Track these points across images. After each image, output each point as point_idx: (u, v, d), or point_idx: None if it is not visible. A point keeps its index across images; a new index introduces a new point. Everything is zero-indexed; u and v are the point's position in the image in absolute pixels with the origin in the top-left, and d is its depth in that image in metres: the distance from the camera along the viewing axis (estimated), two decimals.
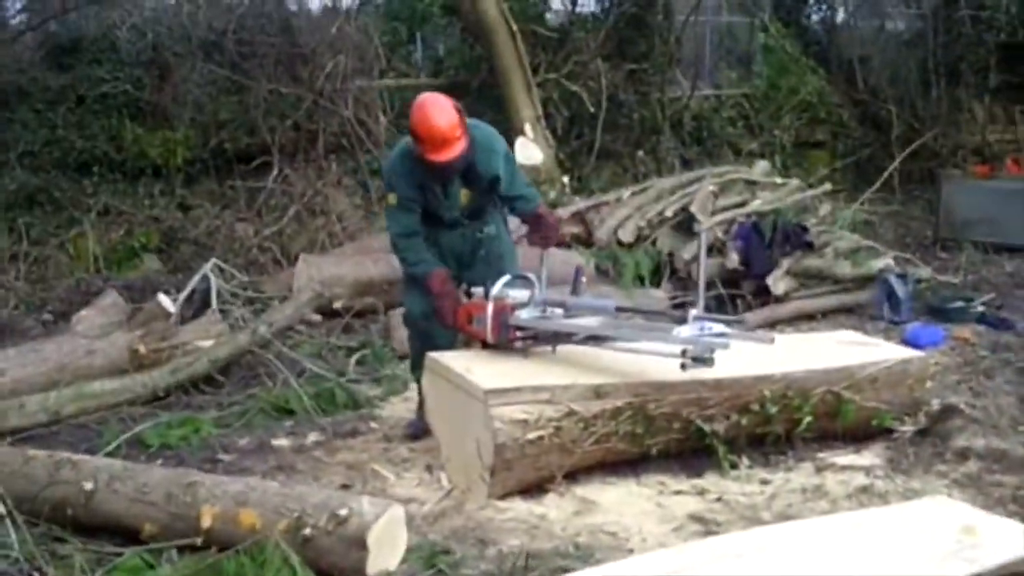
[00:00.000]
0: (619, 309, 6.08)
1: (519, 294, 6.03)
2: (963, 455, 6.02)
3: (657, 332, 5.62)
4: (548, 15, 14.48)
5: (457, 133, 5.82)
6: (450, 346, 6.29)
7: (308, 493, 4.83)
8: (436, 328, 6.22)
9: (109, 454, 5.88)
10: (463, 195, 6.19)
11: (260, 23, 11.96)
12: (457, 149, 5.82)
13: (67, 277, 10.36)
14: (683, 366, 5.35)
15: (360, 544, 4.43)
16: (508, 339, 5.99)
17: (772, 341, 5.45)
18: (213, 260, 9.19)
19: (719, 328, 5.44)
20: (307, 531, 4.48)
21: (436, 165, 5.83)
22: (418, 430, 6.43)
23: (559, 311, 6.02)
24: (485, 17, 12.44)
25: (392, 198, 6.12)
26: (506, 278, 6.00)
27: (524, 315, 5.96)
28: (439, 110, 5.84)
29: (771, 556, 4.23)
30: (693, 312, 5.47)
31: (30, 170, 11.22)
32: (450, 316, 6.07)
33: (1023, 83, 15.94)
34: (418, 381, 6.37)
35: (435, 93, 6.16)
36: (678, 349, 5.37)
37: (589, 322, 5.94)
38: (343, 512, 4.49)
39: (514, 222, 6.96)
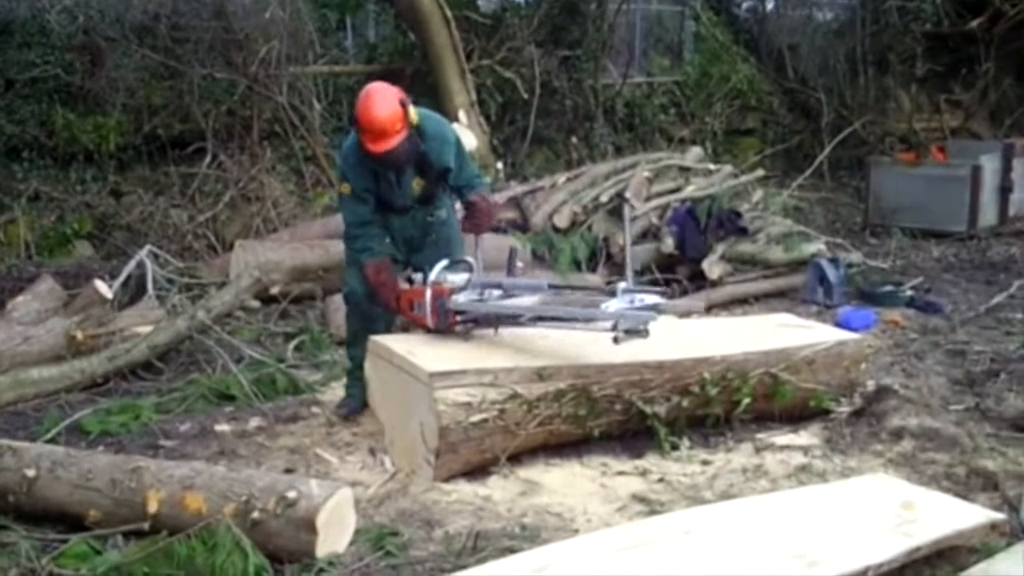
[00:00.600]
0: (552, 287, 6.14)
1: (457, 278, 6.09)
2: (897, 434, 6.12)
3: (590, 308, 5.68)
4: (481, 2, 14.47)
5: (397, 126, 5.85)
6: (389, 327, 6.42)
7: (255, 476, 4.83)
8: (377, 309, 6.31)
9: (49, 441, 5.83)
10: (416, 184, 6.24)
11: (194, 7, 11.81)
12: (394, 141, 5.85)
13: None
14: (615, 339, 5.41)
15: (309, 526, 4.45)
16: (448, 323, 6.07)
17: (701, 310, 5.53)
18: (148, 246, 9.12)
19: (650, 299, 5.54)
20: (255, 514, 4.49)
21: (374, 155, 5.88)
22: (352, 410, 6.47)
23: (496, 293, 6.07)
24: (419, 4, 12.40)
25: (346, 188, 6.19)
26: (443, 263, 6.08)
27: (462, 299, 6.02)
28: (380, 101, 5.88)
29: (717, 533, 4.32)
30: (622, 285, 5.56)
31: None
32: (391, 303, 6.17)
33: (948, 72, 16.23)
34: (352, 359, 6.52)
35: (383, 84, 6.16)
36: (611, 323, 5.44)
37: (524, 302, 6.00)
38: (292, 495, 4.50)
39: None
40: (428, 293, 6.00)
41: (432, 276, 6.04)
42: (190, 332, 7.46)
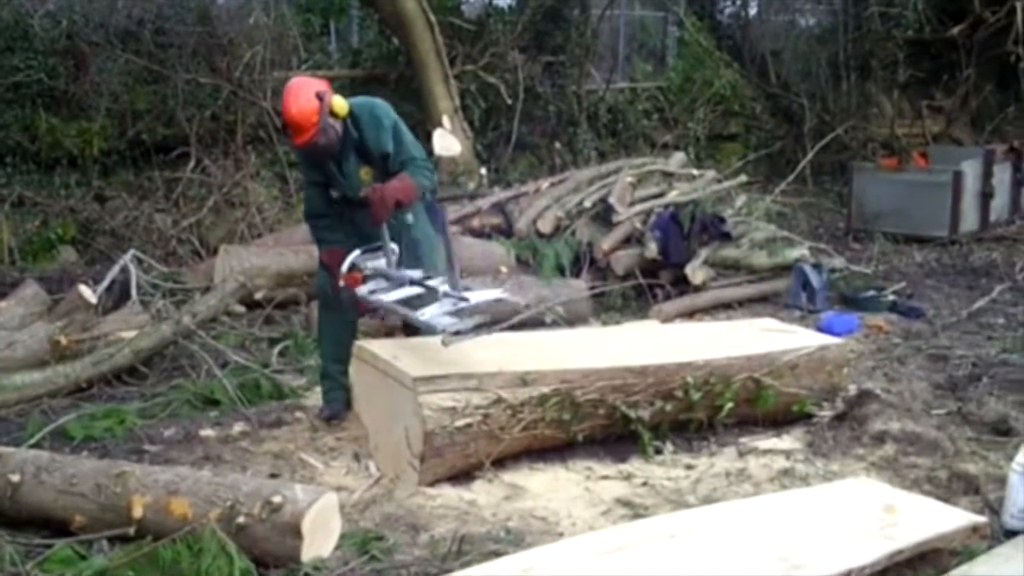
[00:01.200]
0: (417, 282, 6.00)
1: (376, 264, 6.14)
2: (880, 438, 6.16)
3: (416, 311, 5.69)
4: (465, 7, 14.51)
5: (313, 119, 5.96)
6: (354, 320, 6.52)
7: (240, 481, 4.84)
8: (341, 299, 6.37)
9: (33, 446, 5.80)
10: (363, 172, 6.28)
11: (178, 12, 11.84)
12: (309, 134, 5.98)
13: None
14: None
15: (295, 531, 4.46)
16: (360, 310, 6.41)
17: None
18: (132, 251, 9.11)
19: (483, 297, 5.62)
20: (241, 519, 4.49)
21: (295, 148, 6.11)
22: (334, 412, 6.47)
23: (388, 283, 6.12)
24: (403, 9, 12.41)
25: (304, 179, 6.51)
26: (357, 252, 6.13)
27: (363, 289, 6.07)
28: (294, 97, 6.00)
29: (702, 537, 4.34)
30: (443, 289, 5.61)
31: None
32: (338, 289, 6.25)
33: (930, 78, 16.32)
34: (323, 358, 6.60)
35: (303, 79, 6.31)
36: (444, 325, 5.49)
37: (388, 296, 5.97)
38: (277, 500, 4.51)
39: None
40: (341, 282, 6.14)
41: (345, 264, 6.10)
42: (175, 337, 7.44)
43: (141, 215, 11.18)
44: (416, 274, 5.93)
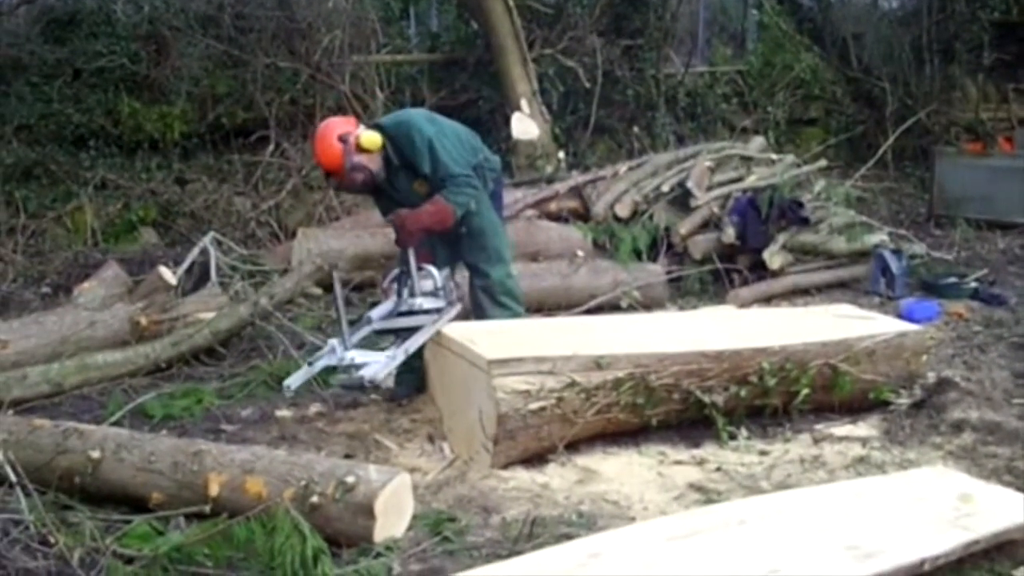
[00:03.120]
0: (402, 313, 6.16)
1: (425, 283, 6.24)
2: (958, 427, 6.07)
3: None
4: None
5: (338, 162, 6.20)
6: None
7: (315, 461, 4.89)
8: None
9: (114, 424, 5.91)
10: (417, 185, 6.36)
11: None
12: (340, 176, 6.27)
13: (65, 250, 10.34)
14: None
15: (367, 511, 4.49)
16: None
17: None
18: (212, 233, 9.22)
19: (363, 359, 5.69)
20: (314, 499, 4.54)
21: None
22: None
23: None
24: None
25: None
26: (395, 272, 6.31)
27: (374, 313, 6.12)
28: (319, 144, 6.30)
29: (773, 523, 4.31)
30: (333, 342, 5.75)
31: (26, 144, 11.17)
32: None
33: (1016, 61, 15.98)
34: None
35: (329, 122, 6.47)
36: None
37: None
38: (350, 480, 4.55)
39: (509, 196, 6.99)
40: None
41: (388, 279, 6.34)
42: (252, 318, 7.52)
43: (220, 198, 11.30)
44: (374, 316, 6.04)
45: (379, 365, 5.56)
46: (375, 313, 6.02)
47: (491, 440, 5.40)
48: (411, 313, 6.07)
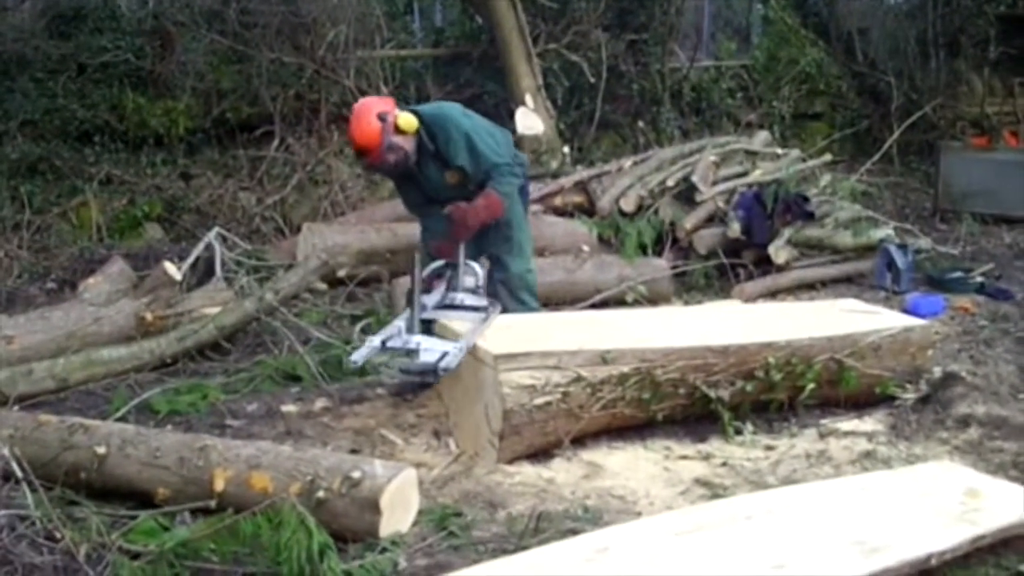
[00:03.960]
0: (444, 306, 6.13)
1: (468, 279, 6.24)
2: (964, 422, 6.08)
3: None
4: None
5: (376, 141, 6.19)
6: None
7: (320, 456, 4.88)
8: None
9: (119, 420, 5.90)
10: (448, 176, 6.37)
11: None
12: (375, 155, 6.24)
13: (70, 246, 10.31)
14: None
15: (373, 506, 4.49)
16: None
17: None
18: (217, 228, 9.20)
19: (438, 346, 5.53)
20: (320, 494, 4.54)
21: (366, 169, 6.21)
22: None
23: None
24: None
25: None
26: (433, 265, 6.30)
27: (429, 301, 6.12)
28: (356, 121, 6.29)
29: (780, 518, 4.31)
30: (400, 323, 5.71)
31: (31, 139, 11.15)
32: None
33: (1022, 56, 15.94)
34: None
35: (367, 101, 6.54)
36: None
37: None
38: (356, 475, 4.55)
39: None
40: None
41: (426, 272, 6.20)
42: (257, 314, 7.52)
43: (226, 193, 11.30)
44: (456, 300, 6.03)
45: (452, 355, 5.42)
46: (429, 301, 6.02)
47: (497, 435, 5.39)
48: (452, 307, 6.08)
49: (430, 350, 5.50)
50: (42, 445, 5.15)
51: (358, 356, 5.56)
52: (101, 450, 5.01)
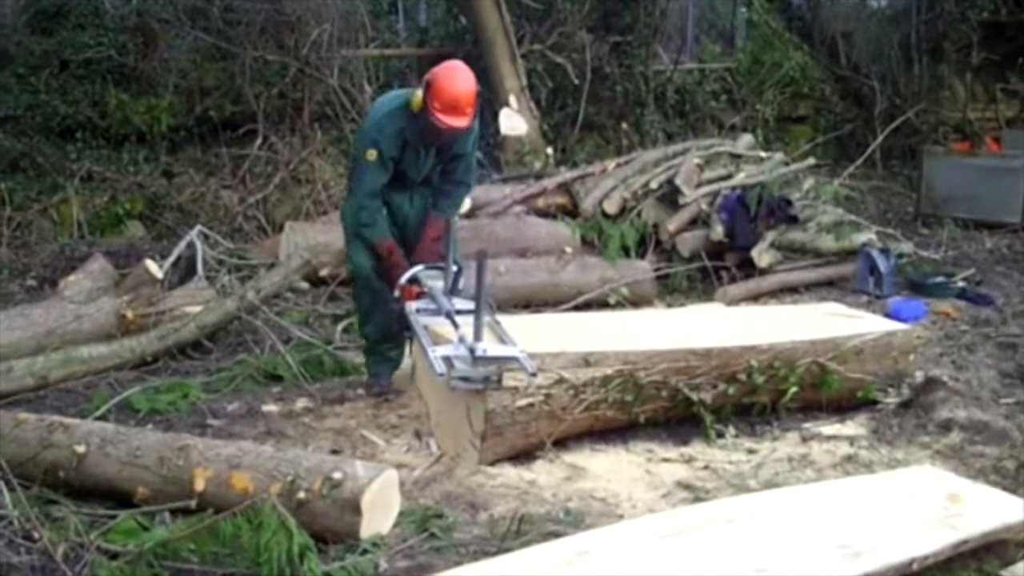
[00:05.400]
0: (448, 315, 5.88)
1: (435, 284, 6.14)
2: (946, 426, 6.08)
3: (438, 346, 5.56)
4: None
5: (473, 103, 5.97)
6: (398, 301, 6.28)
7: (301, 457, 4.86)
8: (384, 284, 6.34)
9: (98, 418, 5.86)
10: (432, 161, 6.31)
11: None
12: (469, 117, 5.98)
13: (51, 243, 10.28)
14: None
15: (354, 507, 4.48)
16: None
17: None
18: (199, 226, 9.18)
19: (490, 351, 5.35)
20: (301, 494, 4.52)
21: (448, 129, 5.96)
22: (383, 388, 6.51)
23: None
24: None
25: (373, 154, 6.12)
26: (420, 267, 6.21)
27: (412, 305, 6.08)
28: (467, 77, 6.01)
29: (762, 522, 4.30)
30: (462, 333, 5.49)
31: (12, 135, 11.11)
32: (394, 285, 6.19)
33: (1004, 61, 16.01)
34: (368, 337, 6.57)
35: (460, 62, 6.29)
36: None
37: (427, 320, 5.97)
38: (337, 476, 4.54)
39: (498, 192, 6.81)
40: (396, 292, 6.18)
41: (406, 276, 6.14)
42: (239, 312, 7.49)
43: (208, 191, 11.26)
44: (454, 306, 5.86)
45: (525, 359, 5.30)
46: (425, 321, 5.97)
47: (479, 436, 5.38)
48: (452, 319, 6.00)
49: (506, 357, 5.36)
50: (21, 443, 5.12)
51: (445, 370, 5.29)
52: (80, 449, 4.99)
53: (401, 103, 6.14)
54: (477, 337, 5.33)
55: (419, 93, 5.99)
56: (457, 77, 5.97)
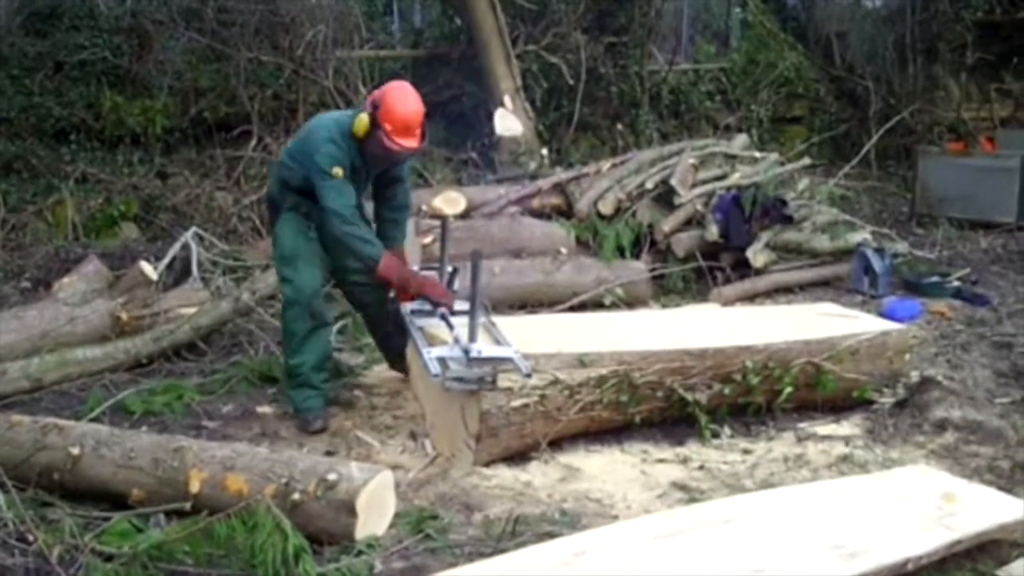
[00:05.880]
0: (443, 318, 5.90)
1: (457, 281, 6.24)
2: (941, 426, 6.08)
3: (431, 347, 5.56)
4: None
5: (421, 123, 5.92)
6: (395, 302, 6.26)
7: (296, 458, 4.86)
8: (324, 304, 6.30)
9: (93, 420, 5.87)
10: (368, 183, 6.30)
11: None
12: (419, 139, 5.92)
13: (45, 244, 10.25)
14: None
15: (349, 509, 4.47)
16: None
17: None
18: (193, 228, 9.18)
19: (485, 352, 5.33)
20: (296, 496, 4.52)
21: (399, 150, 5.89)
22: (323, 420, 6.12)
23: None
24: None
25: (339, 171, 5.89)
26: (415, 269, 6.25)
27: (408, 307, 6.10)
28: (416, 98, 5.95)
29: (758, 522, 4.30)
30: (457, 335, 5.49)
31: (7, 137, 11.11)
32: (407, 294, 6.13)
33: (999, 61, 16.01)
34: (300, 366, 6.13)
35: (406, 82, 6.21)
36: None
37: (421, 322, 5.99)
38: (332, 477, 4.53)
39: (493, 193, 6.73)
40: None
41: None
42: (234, 314, 7.50)
43: (202, 193, 11.24)
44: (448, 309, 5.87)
45: (520, 360, 5.28)
46: (420, 323, 6.00)
47: (474, 437, 5.38)
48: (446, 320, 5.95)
49: (500, 358, 5.34)
50: (15, 445, 5.12)
51: (440, 372, 5.26)
52: (75, 451, 4.98)
53: (343, 128, 5.95)
54: (472, 338, 5.33)
55: (363, 117, 5.87)
56: (407, 98, 5.91)
